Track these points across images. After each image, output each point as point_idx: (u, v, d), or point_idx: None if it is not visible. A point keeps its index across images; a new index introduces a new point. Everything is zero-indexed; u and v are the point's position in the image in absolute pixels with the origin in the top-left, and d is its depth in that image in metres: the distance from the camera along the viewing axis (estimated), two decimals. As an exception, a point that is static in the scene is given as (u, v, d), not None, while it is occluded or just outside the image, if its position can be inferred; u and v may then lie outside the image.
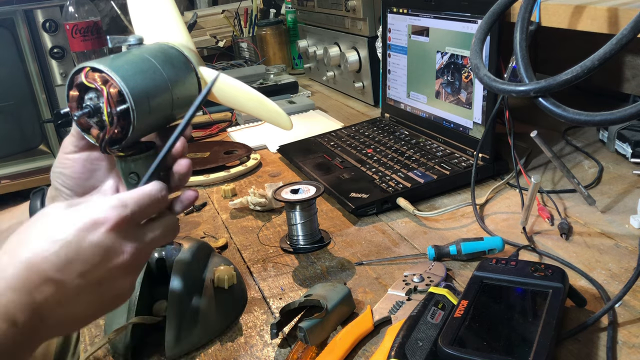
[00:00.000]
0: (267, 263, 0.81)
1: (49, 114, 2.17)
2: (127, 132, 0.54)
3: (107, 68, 0.53)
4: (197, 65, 0.64)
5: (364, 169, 1.02)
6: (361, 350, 0.62)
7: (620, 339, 0.58)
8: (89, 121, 0.55)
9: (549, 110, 0.64)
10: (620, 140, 0.99)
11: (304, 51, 1.82)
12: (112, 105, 0.52)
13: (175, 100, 0.59)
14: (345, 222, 0.90)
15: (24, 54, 2.08)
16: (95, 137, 0.55)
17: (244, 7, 2.13)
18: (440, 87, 1.09)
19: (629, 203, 0.84)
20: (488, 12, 0.79)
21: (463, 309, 0.58)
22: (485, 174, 0.97)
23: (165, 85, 0.57)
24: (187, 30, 0.67)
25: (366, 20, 1.43)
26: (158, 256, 0.67)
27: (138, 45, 0.59)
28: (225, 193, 1.04)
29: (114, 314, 0.69)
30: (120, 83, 0.52)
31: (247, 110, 0.71)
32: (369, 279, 0.74)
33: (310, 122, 1.40)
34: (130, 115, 0.53)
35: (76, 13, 1.69)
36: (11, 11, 2.02)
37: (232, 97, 0.69)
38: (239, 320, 0.69)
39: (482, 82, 0.72)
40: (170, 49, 0.61)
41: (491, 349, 0.53)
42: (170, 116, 0.60)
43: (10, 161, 2.17)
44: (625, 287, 0.60)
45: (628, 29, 0.58)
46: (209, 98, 0.68)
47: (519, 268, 0.63)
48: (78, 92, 0.54)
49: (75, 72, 0.54)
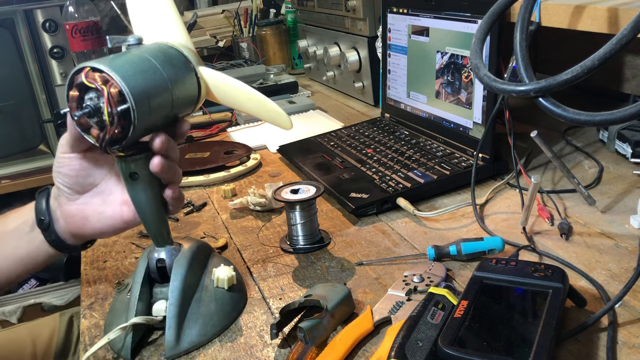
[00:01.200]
0: (267, 263, 0.81)
1: (49, 114, 2.17)
2: (128, 132, 0.54)
3: (108, 68, 0.53)
4: (196, 65, 0.64)
5: (364, 169, 1.02)
6: (361, 350, 0.62)
7: (620, 339, 0.58)
8: (89, 121, 0.55)
9: (549, 110, 0.64)
10: (620, 140, 0.99)
11: (304, 51, 1.82)
12: (112, 105, 0.52)
13: (175, 100, 0.59)
14: (345, 222, 0.90)
15: (24, 54, 2.08)
16: (96, 137, 0.55)
17: (244, 7, 2.13)
18: (440, 87, 1.09)
19: (629, 203, 0.84)
20: (488, 12, 0.79)
21: (463, 309, 0.57)
22: (485, 174, 0.97)
23: (165, 85, 0.57)
24: (186, 30, 0.67)
25: (366, 20, 1.43)
26: (158, 256, 0.67)
27: (137, 45, 0.59)
28: (225, 193, 1.04)
29: (114, 314, 0.69)
30: (121, 83, 0.52)
31: (247, 110, 0.71)
32: (369, 279, 0.74)
33: (310, 122, 1.40)
34: (130, 115, 0.53)
35: (76, 13, 1.69)
36: (11, 11, 2.02)
37: (232, 97, 0.69)
38: (239, 320, 0.69)
39: (482, 82, 0.72)
40: (169, 49, 0.61)
41: (491, 349, 0.53)
42: (170, 116, 0.60)
43: (10, 161, 2.17)
44: (625, 287, 0.59)
45: (628, 29, 0.58)
46: (209, 98, 0.68)
47: (519, 268, 0.63)
48: (78, 92, 0.54)
49: (75, 72, 0.54)
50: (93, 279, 0.82)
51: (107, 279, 0.81)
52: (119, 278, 0.80)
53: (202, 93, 0.65)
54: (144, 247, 0.75)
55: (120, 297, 0.70)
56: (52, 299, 2.07)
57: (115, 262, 0.86)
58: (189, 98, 0.63)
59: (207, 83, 0.66)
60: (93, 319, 0.73)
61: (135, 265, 0.71)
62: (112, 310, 0.71)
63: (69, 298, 2.09)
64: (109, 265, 0.85)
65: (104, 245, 0.91)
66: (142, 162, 0.60)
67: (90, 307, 0.75)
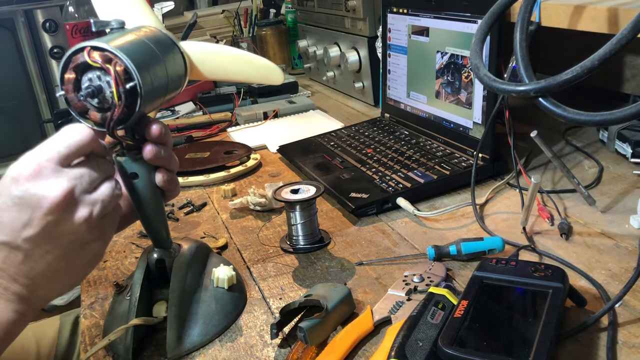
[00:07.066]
0: (267, 263, 0.81)
1: (49, 114, 2.17)
2: (134, 110, 0.53)
3: (110, 46, 0.52)
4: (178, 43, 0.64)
5: (364, 169, 1.02)
6: (361, 350, 0.62)
7: (620, 339, 0.58)
8: (86, 104, 0.54)
9: (549, 110, 0.64)
10: (620, 140, 0.99)
11: (304, 51, 1.82)
12: (120, 83, 0.52)
13: (170, 78, 0.59)
14: (345, 222, 0.90)
15: (24, 54, 2.08)
16: (96, 120, 0.54)
17: (244, 7, 2.13)
18: (440, 87, 1.09)
19: (629, 203, 0.84)
20: (488, 12, 0.79)
21: (463, 309, 0.57)
22: (485, 174, 0.97)
23: (161, 63, 0.57)
24: (155, 15, 0.67)
25: (366, 20, 1.43)
26: (158, 257, 0.67)
27: (121, 29, 0.58)
28: (225, 193, 1.04)
29: (114, 315, 0.69)
30: (127, 61, 0.52)
31: (236, 75, 0.68)
32: (369, 279, 0.74)
33: (310, 122, 1.40)
34: (137, 92, 0.53)
35: (76, 13, 1.69)
36: (11, 11, 2.03)
37: (216, 65, 0.67)
38: (239, 320, 0.69)
39: (482, 82, 0.72)
40: (155, 30, 0.61)
41: (491, 349, 0.53)
42: (166, 95, 0.60)
43: (10, 161, 2.16)
44: (625, 287, 0.60)
45: (628, 29, 0.58)
46: (195, 76, 0.66)
47: (519, 268, 0.63)
48: (74, 75, 0.53)
49: (73, 53, 0.53)
50: (93, 279, 0.82)
51: (107, 278, 0.81)
52: (119, 278, 0.80)
53: (187, 69, 0.64)
54: (144, 247, 0.75)
55: (120, 299, 0.70)
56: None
57: (115, 262, 0.86)
58: (179, 77, 0.63)
59: (190, 57, 0.65)
60: (93, 318, 0.73)
61: (135, 265, 0.71)
62: (111, 311, 0.71)
63: (69, 298, 2.09)
64: (109, 265, 0.85)
65: (104, 245, 0.91)
66: (143, 161, 0.60)
67: (90, 307, 0.75)
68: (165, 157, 0.60)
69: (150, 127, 0.58)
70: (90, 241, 0.54)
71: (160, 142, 0.59)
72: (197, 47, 0.66)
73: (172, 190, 0.64)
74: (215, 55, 0.67)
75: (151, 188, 0.61)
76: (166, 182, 0.62)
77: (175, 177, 0.63)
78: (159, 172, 0.61)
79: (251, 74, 0.68)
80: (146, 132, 0.58)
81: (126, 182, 0.61)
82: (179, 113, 1.55)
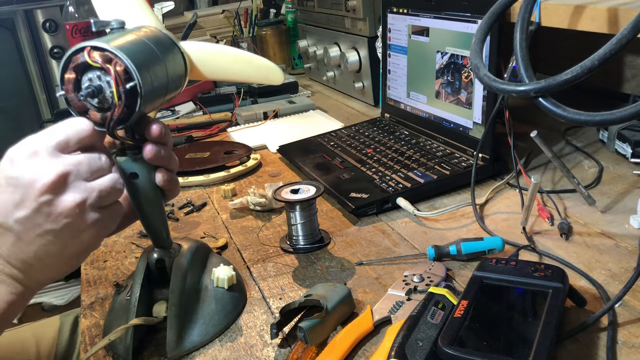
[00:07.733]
0: (267, 263, 0.81)
1: (49, 114, 2.17)
2: (134, 110, 0.53)
3: (110, 46, 0.52)
4: (178, 43, 0.64)
5: (364, 169, 1.02)
6: (361, 350, 0.62)
7: (620, 339, 0.58)
8: (86, 104, 0.54)
9: (549, 110, 0.64)
10: (620, 140, 0.99)
11: (304, 51, 1.82)
12: (120, 83, 0.52)
13: (170, 78, 0.59)
14: (345, 222, 0.90)
15: (24, 54, 2.08)
16: (99, 119, 0.54)
17: (244, 7, 2.13)
18: (440, 87, 1.09)
19: (629, 203, 0.84)
20: (488, 12, 0.79)
21: (463, 309, 0.58)
22: (485, 174, 0.97)
23: (161, 63, 0.57)
24: (155, 15, 0.67)
25: (366, 20, 1.43)
26: (158, 257, 0.67)
27: (121, 29, 0.58)
28: (225, 193, 1.04)
29: (114, 315, 0.69)
30: (127, 61, 0.52)
31: (236, 75, 0.68)
32: (369, 279, 0.74)
33: (310, 122, 1.40)
34: (137, 92, 0.53)
35: (76, 13, 1.69)
36: (11, 11, 2.03)
37: (216, 65, 0.67)
38: (239, 320, 0.69)
39: (482, 82, 0.72)
40: (155, 30, 0.61)
41: (491, 349, 0.53)
42: (166, 95, 0.60)
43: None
44: (625, 287, 0.60)
45: (628, 29, 0.58)
46: (195, 76, 0.67)
47: (519, 268, 0.63)
48: (75, 75, 0.53)
49: (74, 53, 0.53)
50: (93, 278, 0.82)
51: (107, 278, 0.81)
52: (119, 278, 0.80)
53: (187, 69, 0.65)
54: (144, 247, 0.75)
55: (120, 299, 0.70)
56: (52, 298, 2.07)
57: (115, 262, 0.86)
58: (179, 77, 0.63)
59: (190, 57, 0.65)
60: (93, 318, 0.73)
61: (135, 265, 0.71)
62: (111, 311, 0.71)
63: (69, 298, 2.09)
64: (109, 265, 0.85)
65: (104, 245, 0.91)
66: (143, 161, 0.60)
67: (90, 306, 0.75)
68: (165, 157, 0.60)
69: (150, 127, 0.58)
70: (85, 229, 0.54)
71: (160, 142, 0.59)
72: (197, 47, 0.66)
73: (172, 190, 0.64)
74: (215, 55, 0.67)
75: (151, 188, 0.61)
76: (166, 182, 0.62)
77: (175, 177, 0.63)
78: (159, 172, 0.61)
79: (251, 74, 0.68)
80: (146, 132, 0.58)
81: (126, 182, 0.61)
82: (179, 113, 1.55)
